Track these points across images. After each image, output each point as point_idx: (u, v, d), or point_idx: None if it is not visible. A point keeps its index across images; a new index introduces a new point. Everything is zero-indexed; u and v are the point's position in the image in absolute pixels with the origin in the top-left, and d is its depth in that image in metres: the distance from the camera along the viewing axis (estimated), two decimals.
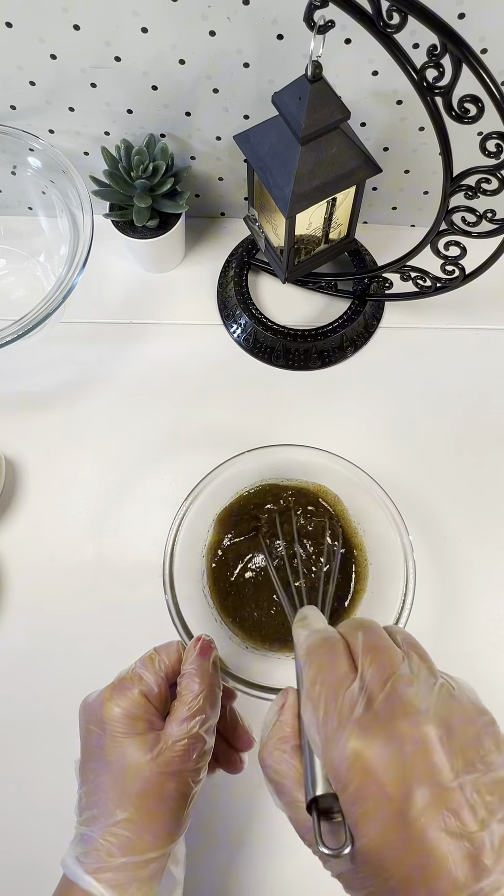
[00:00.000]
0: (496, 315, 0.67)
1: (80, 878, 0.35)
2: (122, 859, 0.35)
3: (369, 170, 0.50)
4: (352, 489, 0.53)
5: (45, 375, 0.65)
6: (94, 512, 0.60)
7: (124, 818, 0.36)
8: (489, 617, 0.57)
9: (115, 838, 0.36)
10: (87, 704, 0.40)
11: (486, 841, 0.25)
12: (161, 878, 0.37)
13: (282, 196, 0.49)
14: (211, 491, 0.52)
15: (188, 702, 0.39)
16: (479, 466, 0.61)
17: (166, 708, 0.40)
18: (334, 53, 0.50)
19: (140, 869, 0.36)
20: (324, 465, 0.53)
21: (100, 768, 0.38)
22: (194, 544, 0.53)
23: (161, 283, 0.69)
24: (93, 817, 0.37)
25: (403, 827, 0.26)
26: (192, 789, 0.38)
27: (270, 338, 0.65)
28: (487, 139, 0.41)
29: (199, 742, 0.38)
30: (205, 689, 0.39)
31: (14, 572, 0.58)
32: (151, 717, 0.39)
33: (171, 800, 0.37)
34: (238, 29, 0.49)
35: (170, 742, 0.38)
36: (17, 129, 0.60)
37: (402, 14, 0.36)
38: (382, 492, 0.50)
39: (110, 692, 0.39)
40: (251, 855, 0.50)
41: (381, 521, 0.51)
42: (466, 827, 0.26)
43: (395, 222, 0.71)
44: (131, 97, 0.57)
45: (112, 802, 0.37)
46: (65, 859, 0.37)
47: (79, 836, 0.37)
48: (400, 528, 0.49)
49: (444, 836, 0.25)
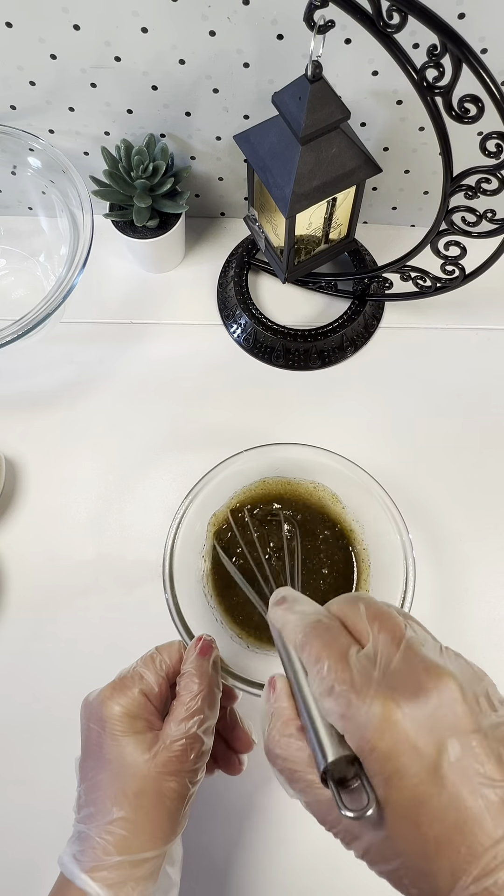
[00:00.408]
0: (496, 315, 0.67)
1: (76, 876, 0.35)
2: (117, 858, 0.35)
3: (369, 170, 0.50)
4: (351, 487, 0.53)
5: (45, 375, 0.65)
6: (94, 512, 0.60)
7: (121, 817, 0.36)
8: (489, 617, 0.57)
9: (112, 836, 0.36)
10: (89, 702, 0.40)
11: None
12: (157, 878, 0.37)
13: (282, 196, 0.49)
14: (211, 490, 0.52)
15: (187, 702, 0.39)
16: (479, 466, 0.61)
17: (166, 707, 0.40)
18: (334, 53, 0.50)
19: (135, 868, 0.36)
20: (323, 464, 0.53)
21: (98, 766, 0.38)
22: (194, 543, 0.53)
23: (161, 283, 0.69)
24: (90, 815, 0.37)
25: (438, 781, 0.26)
26: (189, 790, 0.38)
27: (270, 338, 0.65)
28: (487, 139, 0.41)
29: (196, 742, 0.38)
30: (204, 689, 0.39)
31: (14, 572, 0.58)
32: (151, 717, 0.39)
33: (167, 799, 0.37)
34: (238, 29, 0.49)
35: (167, 742, 0.38)
36: (17, 129, 0.60)
37: (402, 14, 0.36)
38: (381, 489, 0.50)
39: (111, 690, 0.39)
40: (248, 857, 0.50)
41: (380, 520, 0.51)
42: (496, 777, 0.26)
43: (395, 222, 0.71)
44: (131, 97, 0.57)
45: (109, 800, 0.37)
46: (62, 857, 0.37)
47: (76, 833, 0.37)
48: (399, 525, 0.49)
49: (478, 789, 0.25)
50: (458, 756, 0.26)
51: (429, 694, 0.27)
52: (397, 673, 0.28)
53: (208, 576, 0.54)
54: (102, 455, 0.62)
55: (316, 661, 0.30)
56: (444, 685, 0.27)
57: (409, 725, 0.27)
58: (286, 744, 0.32)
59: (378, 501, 0.51)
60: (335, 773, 0.29)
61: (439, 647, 0.31)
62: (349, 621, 0.32)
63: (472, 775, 0.26)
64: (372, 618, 0.31)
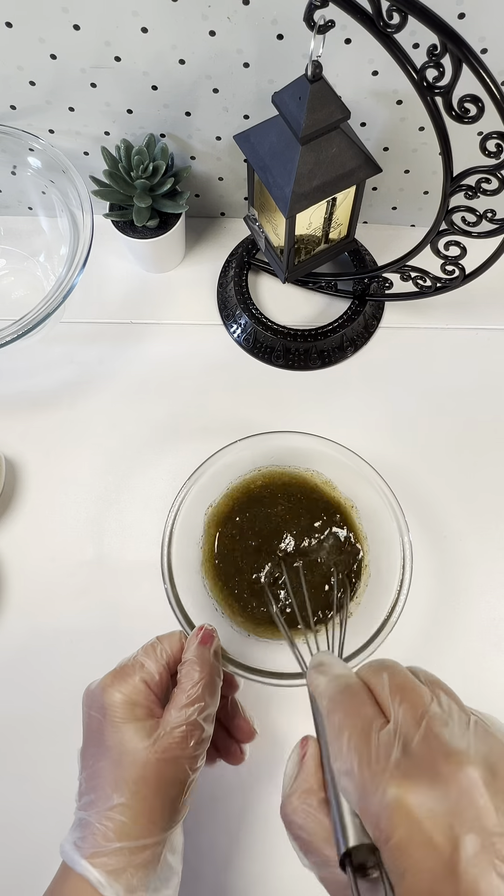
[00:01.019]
0: (496, 315, 0.67)
1: (76, 862, 0.36)
2: (117, 844, 0.36)
3: (369, 170, 0.50)
4: (343, 471, 0.53)
5: (45, 375, 0.65)
6: (94, 512, 0.60)
7: (121, 803, 0.36)
8: (489, 617, 0.57)
9: (112, 823, 0.36)
10: (90, 691, 0.41)
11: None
12: (157, 865, 0.37)
13: (282, 196, 0.49)
14: (206, 480, 0.52)
15: (188, 689, 0.39)
16: (480, 466, 0.61)
17: (167, 696, 0.41)
18: (334, 53, 0.50)
19: (136, 854, 0.36)
20: (315, 450, 0.53)
21: (99, 754, 0.38)
22: (192, 534, 0.53)
23: (161, 283, 0.69)
24: (90, 802, 0.37)
25: (453, 879, 0.24)
26: (189, 776, 0.38)
27: (270, 338, 0.65)
28: (487, 139, 0.41)
29: (196, 729, 0.38)
30: (205, 677, 0.40)
31: (14, 572, 0.58)
32: (151, 704, 0.39)
33: (167, 786, 0.37)
34: (238, 29, 0.49)
35: (168, 728, 0.38)
36: (17, 129, 0.60)
37: (402, 14, 0.36)
38: (371, 469, 0.51)
39: (111, 678, 0.40)
40: (249, 849, 0.50)
41: (373, 501, 0.51)
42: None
43: (395, 222, 0.71)
44: (131, 97, 0.57)
45: (109, 787, 0.37)
46: (63, 844, 0.37)
47: (77, 820, 0.38)
48: (394, 507, 0.50)
49: (497, 888, 0.24)
50: (476, 852, 0.24)
51: (446, 783, 0.25)
52: (415, 756, 0.27)
53: (206, 566, 0.54)
54: (102, 455, 0.62)
55: (338, 734, 0.29)
56: (463, 774, 0.26)
57: (423, 816, 0.25)
58: (305, 814, 0.30)
59: (369, 482, 0.51)
60: (355, 859, 0.28)
61: (467, 722, 0.28)
62: (375, 692, 0.31)
63: (492, 873, 0.24)
64: (395, 690, 0.29)
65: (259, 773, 0.52)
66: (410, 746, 0.27)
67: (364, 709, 0.30)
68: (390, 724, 0.28)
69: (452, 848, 0.24)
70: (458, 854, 0.24)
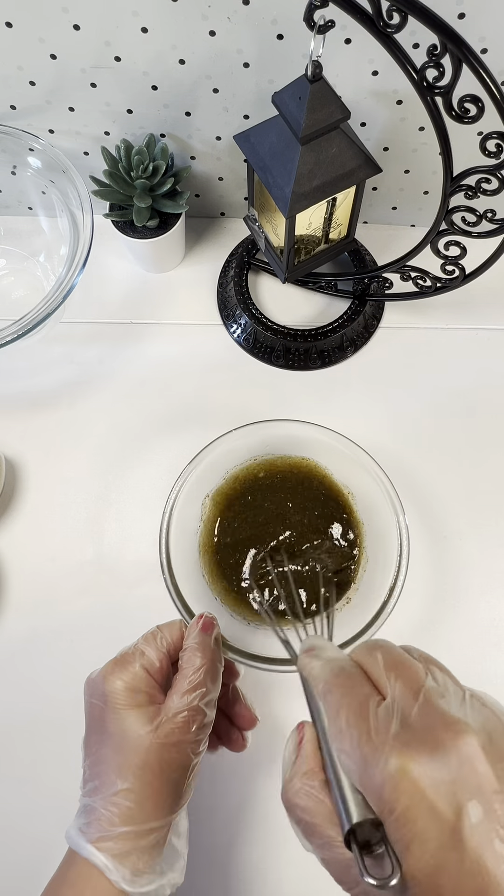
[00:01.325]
0: (496, 315, 0.67)
1: (81, 847, 0.36)
2: (122, 828, 0.36)
3: (369, 170, 0.50)
4: (338, 458, 0.54)
5: (45, 375, 0.65)
6: (94, 512, 0.60)
7: (125, 788, 0.37)
8: (489, 617, 0.57)
9: (116, 808, 0.36)
10: (91, 680, 0.41)
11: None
12: (162, 848, 0.37)
13: (282, 196, 0.49)
14: (203, 469, 0.53)
15: (189, 675, 0.39)
16: (480, 466, 0.61)
17: (167, 683, 0.41)
18: (334, 53, 0.50)
19: (141, 838, 0.36)
20: (311, 438, 0.54)
21: (102, 740, 0.38)
22: (189, 525, 0.53)
23: (161, 283, 0.69)
24: (94, 788, 0.37)
25: (459, 846, 0.24)
26: (192, 760, 0.39)
27: (270, 338, 0.65)
28: (487, 139, 0.41)
29: (198, 715, 0.38)
30: (206, 663, 0.40)
31: (14, 572, 0.58)
32: (152, 691, 0.40)
33: (171, 770, 0.38)
34: (238, 29, 0.49)
35: (170, 714, 0.38)
36: (17, 129, 0.60)
37: (402, 14, 0.36)
38: (365, 453, 0.51)
39: (112, 666, 0.40)
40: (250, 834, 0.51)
41: (369, 487, 0.52)
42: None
43: (395, 222, 0.71)
44: (131, 97, 0.57)
45: (113, 773, 0.37)
46: (68, 830, 0.37)
47: (82, 807, 0.38)
48: (390, 492, 0.50)
49: (501, 854, 0.24)
50: (479, 819, 0.24)
51: (447, 751, 0.26)
52: (415, 727, 0.27)
53: (205, 556, 0.54)
54: (102, 455, 0.62)
55: (336, 713, 0.29)
56: (463, 742, 0.26)
57: (426, 785, 0.25)
58: (307, 795, 0.30)
59: (365, 469, 0.52)
60: (359, 836, 0.28)
61: (462, 695, 0.29)
62: (369, 671, 0.31)
63: (495, 840, 0.24)
64: (389, 667, 0.30)
65: (259, 759, 0.52)
66: (409, 718, 0.27)
67: (360, 688, 0.30)
68: (388, 699, 0.28)
69: (456, 816, 0.25)
70: (461, 821, 0.24)
